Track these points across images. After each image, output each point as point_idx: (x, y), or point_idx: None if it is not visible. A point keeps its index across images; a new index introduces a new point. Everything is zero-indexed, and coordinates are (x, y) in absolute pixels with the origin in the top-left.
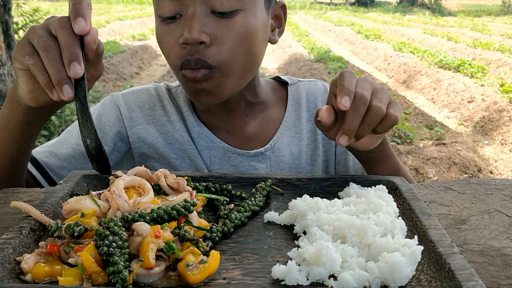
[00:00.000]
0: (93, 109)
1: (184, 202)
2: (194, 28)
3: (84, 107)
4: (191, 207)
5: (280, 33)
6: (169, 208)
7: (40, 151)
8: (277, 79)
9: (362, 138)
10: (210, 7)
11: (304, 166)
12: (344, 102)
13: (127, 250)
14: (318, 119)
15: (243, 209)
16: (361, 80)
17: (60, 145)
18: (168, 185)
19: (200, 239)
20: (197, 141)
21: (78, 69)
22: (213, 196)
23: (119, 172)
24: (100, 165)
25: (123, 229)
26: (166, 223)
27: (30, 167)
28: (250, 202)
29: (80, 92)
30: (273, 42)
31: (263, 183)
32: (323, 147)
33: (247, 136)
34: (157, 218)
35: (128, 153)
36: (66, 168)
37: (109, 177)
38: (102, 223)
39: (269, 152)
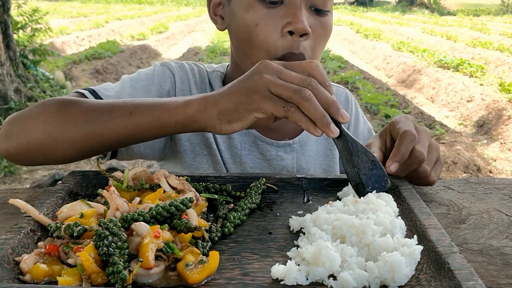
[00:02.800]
0: (150, 70)
1: (181, 199)
2: (302, 19)
3: (352, 140)
4: (189, 203)
5: None
6: (167, 205)
7: (105, 93)
8: None
9: None
10: (311, 2)
11: (329, 164)
12: (393, 169)
13: (126, 250)
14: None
15: (240, 208)
16: (422, 133)
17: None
18: (170, 185)
19: (204, 230)
20: None
21: (346, 115)
22: (215, 196)
23: (117, 173)
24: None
25: (123, 229)
26: (166, 224)
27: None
28: (246, 200)
29: (345, 132)
30: None
31: (257, 182)
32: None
33: (274, 127)
34: (156, 216)
35: None
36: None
37: (108, 177)
38: (102, 224)
39: (297, 145)
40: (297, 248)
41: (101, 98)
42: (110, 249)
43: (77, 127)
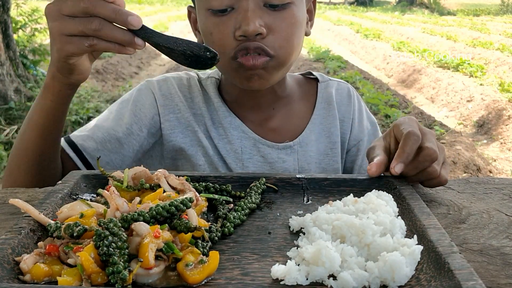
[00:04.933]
0: (129, 94)
1: (181, 199)
2: (251, 21)
3: (162, 36)
4: (189, 203)
5: (311, 26)
6: (167, 205)
7: (78, 135)
8: (308, 74)
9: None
10: (264, 0)
11: (330, 163)
12: (397, 170)
13: (126, 250)
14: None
15: (240, 208)
16: (428, 134)
17: (96, 130)
18: (170, 185)
19: (204, 230)
20: (229, 130)
21: (135, 20)
22: (216, 196)
23: (117, 173)
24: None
25: (123, 229)
26: (166, 224)
27: (67, 149)
28: (246, 200)
29: (148, 33)
30: (308, 34)
31: (257, 182)
32: (345, 148)
33: (273, 129)
34: (156, 216)
35: (159, 141)
36: (101, 150)
37: (107, 177)
38: (102, 224)
39: (297, 146)
40: (297, 248)
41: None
42: (110, 249)
43: (17, 165)
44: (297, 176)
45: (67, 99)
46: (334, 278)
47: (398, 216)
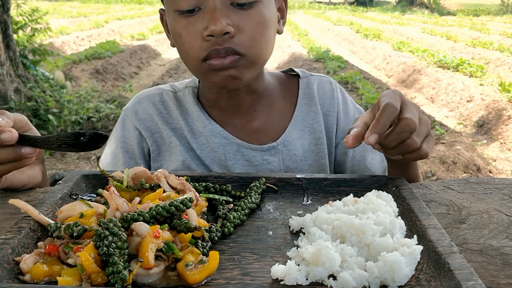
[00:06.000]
0: (116, 131)
1: (181, 199)
2: (218, 20)
3: (38, 139)
4: (189, 203)
5: (284, 24)
6: (167, 205)
7: None
8: (289, 71)
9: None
10: None
11: (316, 159)
12: (371, 140)
13: (126, 250)
14: (344, 141)
15: (240, 208)
16: (410, 105)
17: None
18: (170, 185)
19: (204, 230)
20: (211, 138)
21: (8, 136)
22: (216, 196)
23: (117, 173)
24: (83, 146)
25: (122, 229)
26: (166, 224)
27: None
28: (246, 200)
29: (28, 141)
30: (280, 32)
31: (257, 182)
32: (334, 143)
33: (256, 130)
34: (156, 216)
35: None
36: None
37: (107, 177)
38: (102, 224)
39: (281, 146)
40: (297, 248)
41: None
42: (110, 249)
43: None
44: (297, 176)
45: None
46: (334, 278)
47: (398, 216)
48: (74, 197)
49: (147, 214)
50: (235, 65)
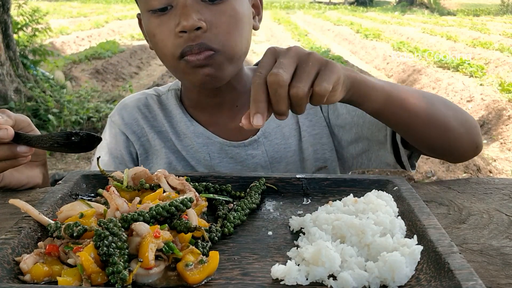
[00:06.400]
0: (104, 140)
1: (181, 199)
2: (189, 15)
3: (32, 137)
4: (189, 203)
5: (260, 20)
6: (167, 205)
7: None
8: None
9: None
10: None
11: (296, 143)
12: (256, 123)
13: (126, 250)
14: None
15: (240, 208)
16: (285, 55)
17: None
18: (170, 185)
19: (204, 230)
20: (194, 139)
21: (3, 133)
22: (216, 196)
23: (117, 173)
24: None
25: (122, 229)
26: (166, 224)
27: None
28: (246, 200)
29: (23, 139)
30: (256, 28)
31: (257, 182)
32: (309, 121)
33: (238, 127)
34: (156, 216)
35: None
36: None
37: (107, 177)
38: (102, 224)
39: (262, 138)
40: (297, 248)
41: None
42: (110, 249)
43: None
44: (297, 176)
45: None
46: (334, 278)
47: (398, 216)
48: (74, 197)
49: (147, 214)
50: (211, 62)
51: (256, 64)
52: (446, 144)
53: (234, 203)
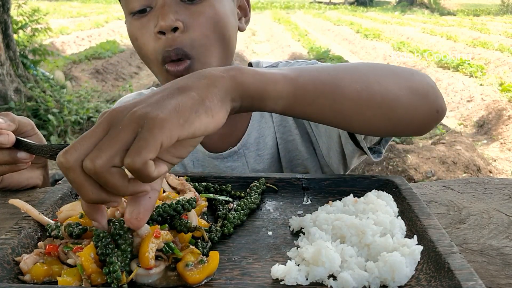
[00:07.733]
0: None
1: (184, 201)
2: (166, 15)
3: (33, 146)
4: (194, 203)
5: (247, 22)
6: (174, 203)
7: None
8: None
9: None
10: None
11: (281, 152)
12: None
13: (129, 252)
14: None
15: (240, 208)
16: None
17: None
18: (170, 185)
19: (204, 230)
20: None
21: (4, 138)
22: (216, 196)
23: None
24: None
25: (128, 232)
26: (166, 224)
27: None
28: (246, 200)
29: (23, 146)
30: (242, 29)
31: (257, 182)
32: (294, 123)
33: (221, 136)
34: (163, 214)
35: None
36: None
37: None
38: (111, 224)
39: (243, 148)
40: (297, 248)
41: None
42: (108, 249)
43: None
44: (297, 176)
45: None
46: (334, 278)
47: (398, 216)
48: (74, 197)
49: (154, 213)
50: (189, 72)
51: (250, 65)
52: (396, 121)
53: (234, 203)
